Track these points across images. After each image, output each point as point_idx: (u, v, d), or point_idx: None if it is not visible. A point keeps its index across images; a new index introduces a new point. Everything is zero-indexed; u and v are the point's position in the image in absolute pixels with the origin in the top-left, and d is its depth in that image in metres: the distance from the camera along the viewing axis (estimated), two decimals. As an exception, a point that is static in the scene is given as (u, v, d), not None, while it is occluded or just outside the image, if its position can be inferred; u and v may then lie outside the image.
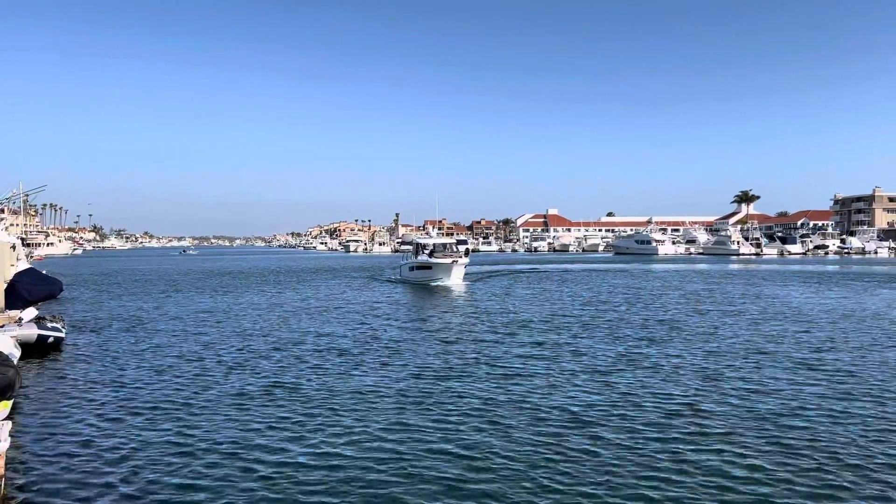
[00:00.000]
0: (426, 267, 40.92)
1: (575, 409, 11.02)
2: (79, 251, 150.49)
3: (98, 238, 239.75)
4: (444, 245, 43.96)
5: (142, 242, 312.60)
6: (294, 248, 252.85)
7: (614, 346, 17.51)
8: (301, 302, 30.65)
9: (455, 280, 40.06)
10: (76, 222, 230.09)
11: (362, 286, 40.61)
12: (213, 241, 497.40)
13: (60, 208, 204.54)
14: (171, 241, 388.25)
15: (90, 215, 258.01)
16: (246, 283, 45.26)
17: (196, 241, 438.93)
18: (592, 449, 8.98)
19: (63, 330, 17.05)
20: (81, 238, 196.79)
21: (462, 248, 48.10)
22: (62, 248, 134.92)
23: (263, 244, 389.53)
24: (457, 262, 39.98)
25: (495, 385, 12.81)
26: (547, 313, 25.08)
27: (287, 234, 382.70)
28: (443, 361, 15.24)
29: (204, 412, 10.96)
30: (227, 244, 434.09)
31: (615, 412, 10.81)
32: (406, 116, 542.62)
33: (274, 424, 10.26)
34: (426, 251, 43.00)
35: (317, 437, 9.61)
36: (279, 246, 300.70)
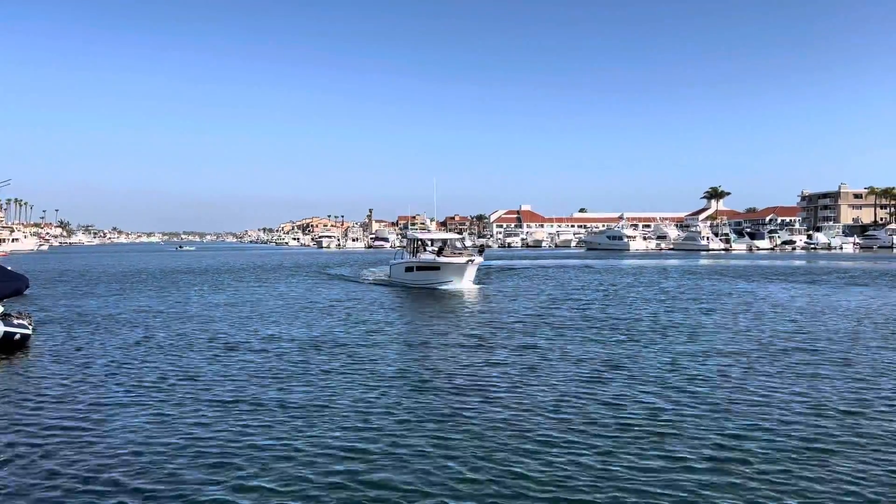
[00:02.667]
0: (432, 268, 33.78)
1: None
2: (45, 247, 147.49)
3: (65, 234, 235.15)
4: (453, 241, 37.46)
5: (110, 238, 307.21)
6: (265, 243, 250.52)
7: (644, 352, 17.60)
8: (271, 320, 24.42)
9: (468, 283, 33.59)
10: (42, 218, 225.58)
11: (348, 295, 31.41)
12: (182, 236, 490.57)
13: (25, 203, 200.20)
14: (140, 236, 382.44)
15: (56, 210, 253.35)
16: (213, 280, 44.76)
17: (166, 238, 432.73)
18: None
19: (30, 327, 16.72)
20: (48, 234, 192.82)
21: (463, 242, 40.72)
22: (28, 243, 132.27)
23: (234, 240, 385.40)
24: (472, 261, 33.22)
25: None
26: (582, 319, 21.92)
27: (258, 230, 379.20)
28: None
29: (173, 409, 10.82)
30: (198, 240, 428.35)
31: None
32: (378, 113, 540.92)
33: (250, 424, 10.17)
34: (429, 248, 36.54)
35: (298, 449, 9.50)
36: (250, 242, 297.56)
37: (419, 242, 37.75)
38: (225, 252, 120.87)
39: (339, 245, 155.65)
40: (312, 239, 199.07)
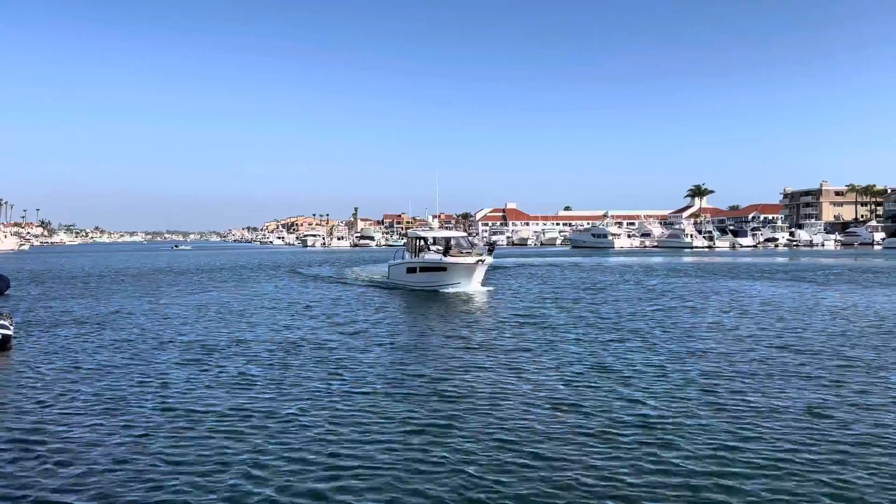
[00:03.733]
0: (437, 269, 31.21)
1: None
2: (26, 247, 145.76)
3: (46, 234, 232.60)
4: (458, 240, 34.91)
5: (92, 238, 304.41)
6: (250, 242, 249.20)
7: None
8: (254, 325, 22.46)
9: (476, 285, 31.16)
10: (23, 217, 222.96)
11: (342, 299, 28.98)
12: (166, 236, 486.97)
13: (5, 203, 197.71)
14: (122, 236, 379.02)
15: (37, 210, 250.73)
16: (188, 280, 44.43)
17: (149, 237, 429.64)
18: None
19: (11, 328, 16.52)
20: (28, 234, 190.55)
21: (469, 240, 37.84)
22: (8, 243, 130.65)
23: (219, 239, 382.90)
24: (482, 261, 30.67)
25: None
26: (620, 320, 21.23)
27: (243, 229, 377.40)
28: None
29: (154, 412, 10.67)
30: (182, 239, 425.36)
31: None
32: (364, 110, 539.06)
33: (229, 429, 10.10)
34: (434, 247, 33.50)
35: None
36: (234, 241, 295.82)
37: (422, 241, 34.56)
38: (224, 252, 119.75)
39: (324, 244, 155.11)
40: (297, 238, 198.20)
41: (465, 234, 39.56)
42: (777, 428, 9.40)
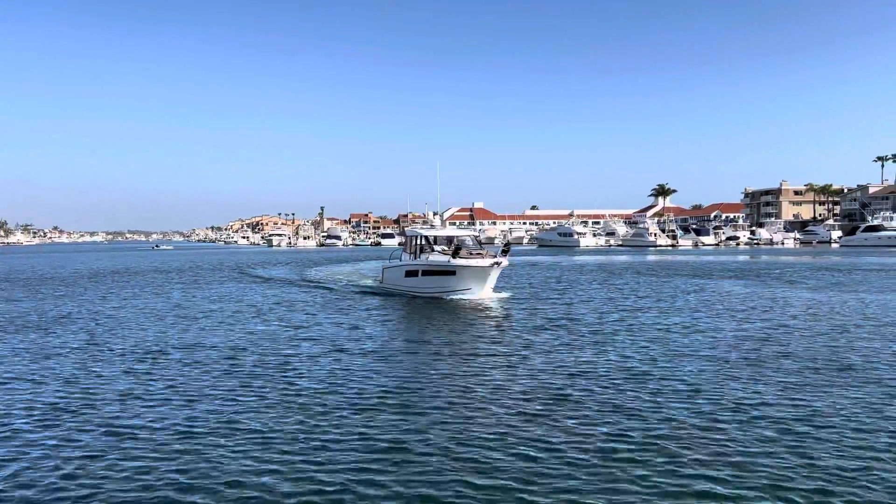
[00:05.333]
0: (444, 272, 27.11)
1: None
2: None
3: (2, 233, 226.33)
4: (463, 239, 29.95)
5: (51, 238, 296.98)
6: (214, 242, 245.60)
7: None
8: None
9: (489, 292, 27.32)
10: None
11: (334, 311, 23.70)
12: (127, 235, 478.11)
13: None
14: (82, 235, 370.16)
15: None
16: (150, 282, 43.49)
17: (110, 237, 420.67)
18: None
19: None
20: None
21: (477, 239, 32.64)
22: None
23: (182, 239, 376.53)
24: (498, 263, 26.41)
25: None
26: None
27: (207, 229, 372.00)
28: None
29: (100, 418, 10.26)
30: (144, 239, 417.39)
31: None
32: (328, 109, 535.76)
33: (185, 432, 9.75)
34: (439, 247, 30.00)
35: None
36: (198, 241, 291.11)
37: (424, 241, 30.53)
38: (206, 252, 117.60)
39: (290, 243, 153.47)
40: (262, 237, 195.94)
41: (473, 232, 34.22)
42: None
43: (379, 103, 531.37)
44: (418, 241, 30.60)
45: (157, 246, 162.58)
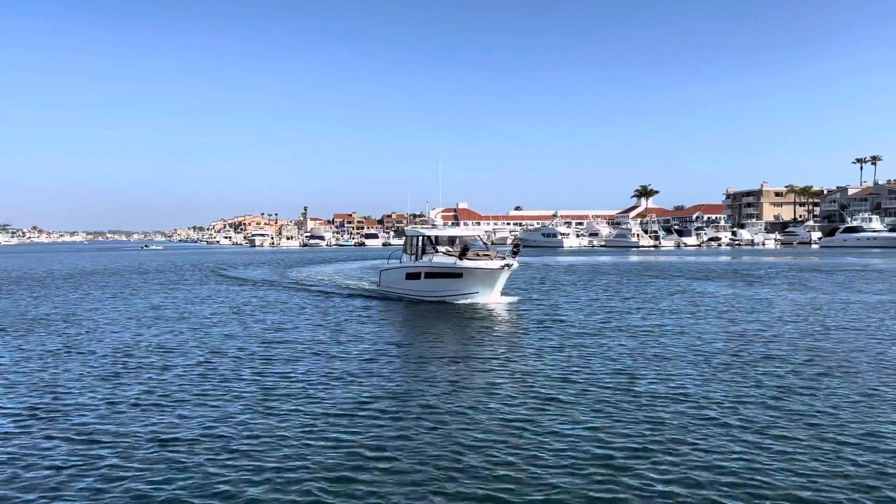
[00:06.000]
0: (450, 275, 25.51)
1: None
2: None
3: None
4: (466, 239, 28.36)
5: (30, 238, 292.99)
6: (196, 242, 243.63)
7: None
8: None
9: (497, 295, 25.66)
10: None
11: (331, 316, 22.06)
12: (108, 235, 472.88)
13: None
14: (62, 235, 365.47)
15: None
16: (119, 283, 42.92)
17: (90, 236, 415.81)
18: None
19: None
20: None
21: (484, 240, 30.44)
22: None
23: (164, 239, 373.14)
24: (508, 266, 24.75)
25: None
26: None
27: (189, 229, 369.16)
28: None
29: (73, 424, 10.00)
30: (125, 239, 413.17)
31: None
32: (312, 108, 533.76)
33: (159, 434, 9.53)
34: (443, 248, 27.77)
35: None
36: (180, 241, 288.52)
37: (426, 241, 28.22)
38: (187, 252, 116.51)
39: (272, 243, 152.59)
40: (245, 237, 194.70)
41: (478, 232, 30.96)
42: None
43: (363, 104, 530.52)
44: (420, 242, 28.36)
45: (146, 246, 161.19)
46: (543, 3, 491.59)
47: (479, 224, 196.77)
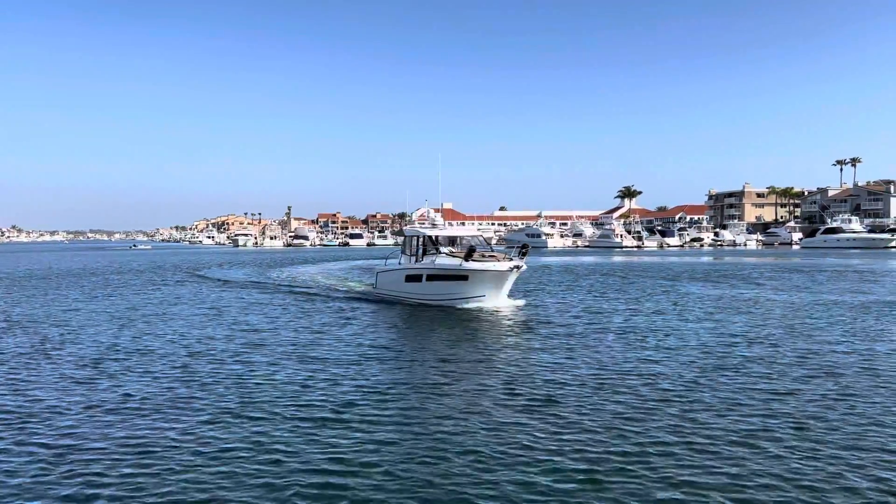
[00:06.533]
0: (454, 277, 24.15)
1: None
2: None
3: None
4: (471, 240, 27.42)
5: (9, 237, 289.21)
6: (178, 242, 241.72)
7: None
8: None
9: (504, 299, 24.50)
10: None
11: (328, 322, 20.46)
12: (89, 235, 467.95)
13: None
14: (42, 235, 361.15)
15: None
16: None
17: (71, 236, 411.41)
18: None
19: None
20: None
21: (489, 240, 28.83)
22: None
23: (145, 238, 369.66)
24: (518, 268, 23.63)
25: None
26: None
27: (171, 228, 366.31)
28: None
29: (46, 429, 9.77)
30: (106, 238, 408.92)
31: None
32: (297, 108, 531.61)
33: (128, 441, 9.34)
34: (445, 248, 26.34)
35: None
36: (162, 240, 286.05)
37: (427, 241, 26.62)
38: (174, 252, 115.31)
39: (256, 243, 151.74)
40: (228, 237, 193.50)
41: (478, 232, 30.76)
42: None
43: (349, 104, 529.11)
44: (420, 242, 26.75)
45: (134, 246, 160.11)
46: (525, 3, 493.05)
47: (463, 224, 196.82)
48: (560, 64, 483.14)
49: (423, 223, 35.34)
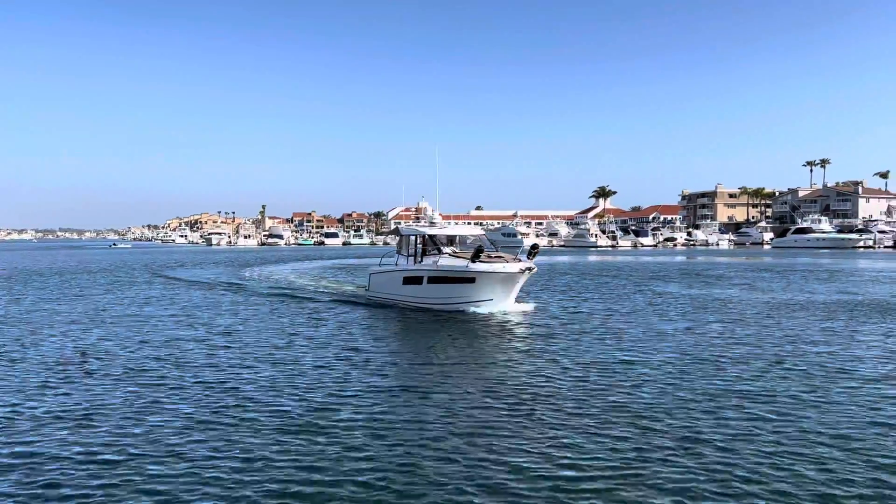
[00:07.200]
0: (461, 279, 22.39)
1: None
2: None
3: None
4: (467, 239, 26.14)
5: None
6: (150, 241, 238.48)
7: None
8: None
9: (512, 303, 22.78)
10: None
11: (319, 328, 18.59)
12: (58, 233, 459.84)
13: None
14: (9, 233, 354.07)
15: None
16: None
17: (40, 234, 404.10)
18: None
19: None
20: None
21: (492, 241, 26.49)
22: None
23: (117, 237, 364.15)
24: (530, 269, 22.07)
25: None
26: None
27: (143, 227, 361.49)
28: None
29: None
30: (76, 237, 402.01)
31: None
32: (271, 105, 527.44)
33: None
34: (448, 248, 24.46)
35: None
36: (134, 239, 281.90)
37: (427, 240, 24.72)
38: (159, 251, 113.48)
39: (230, 242, 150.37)
40: (201, 236, 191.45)
41: (478, 231, 28.74)
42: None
43: (323, 102, 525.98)
44: (418, 241, 24.83)
45: (114, 245, 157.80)
46: (494, 1, 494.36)
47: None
48: (534, 63, 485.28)
49: (409, 222, 33.61)
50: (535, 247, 23.95)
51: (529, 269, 21.99)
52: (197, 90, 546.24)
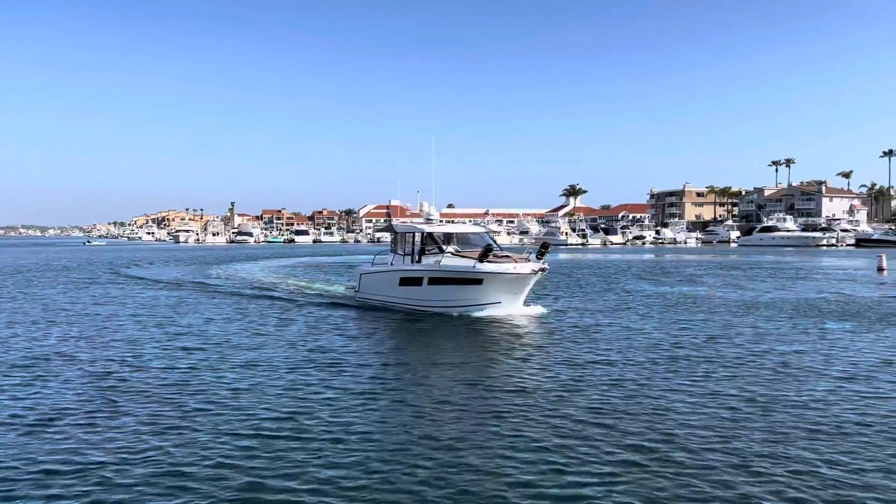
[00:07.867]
0: (466, 281, 20.90)
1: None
2: None
3: None
4: (474, 237, 24.68)
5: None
6: (116, 238, 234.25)
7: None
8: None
9: (520, 305, 21.39)
10: None
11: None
12: (21, 230, 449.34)
13: None
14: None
15: None
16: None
17: (2, 231, 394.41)
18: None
19: None
20: None
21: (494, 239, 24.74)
22: None
23: (81, 234, 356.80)
24: (543, 270, 20.87)
25: None
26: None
27: (109, 224, 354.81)
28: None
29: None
30: (39, 234, 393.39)
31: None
32: (241, 102, 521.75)
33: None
34: (450, 247, 22.49)
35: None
36: (100, 236, 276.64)
37: (426, 238, 22.91)
38: (136, 248, 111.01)
39: (198, 240, 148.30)
40: (169, 233, 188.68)
41: (478, 228, 27.07)
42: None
43: (293, 98, 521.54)
44: (415, 239, 23.09)
45: (88, 242, 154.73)
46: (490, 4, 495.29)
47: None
48: (506, 61, 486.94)
49: (398, 219, 31.21)
50: (545, 246, 22.76)
51: (542, 269, 20.75)
52: (165, 85, 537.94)
